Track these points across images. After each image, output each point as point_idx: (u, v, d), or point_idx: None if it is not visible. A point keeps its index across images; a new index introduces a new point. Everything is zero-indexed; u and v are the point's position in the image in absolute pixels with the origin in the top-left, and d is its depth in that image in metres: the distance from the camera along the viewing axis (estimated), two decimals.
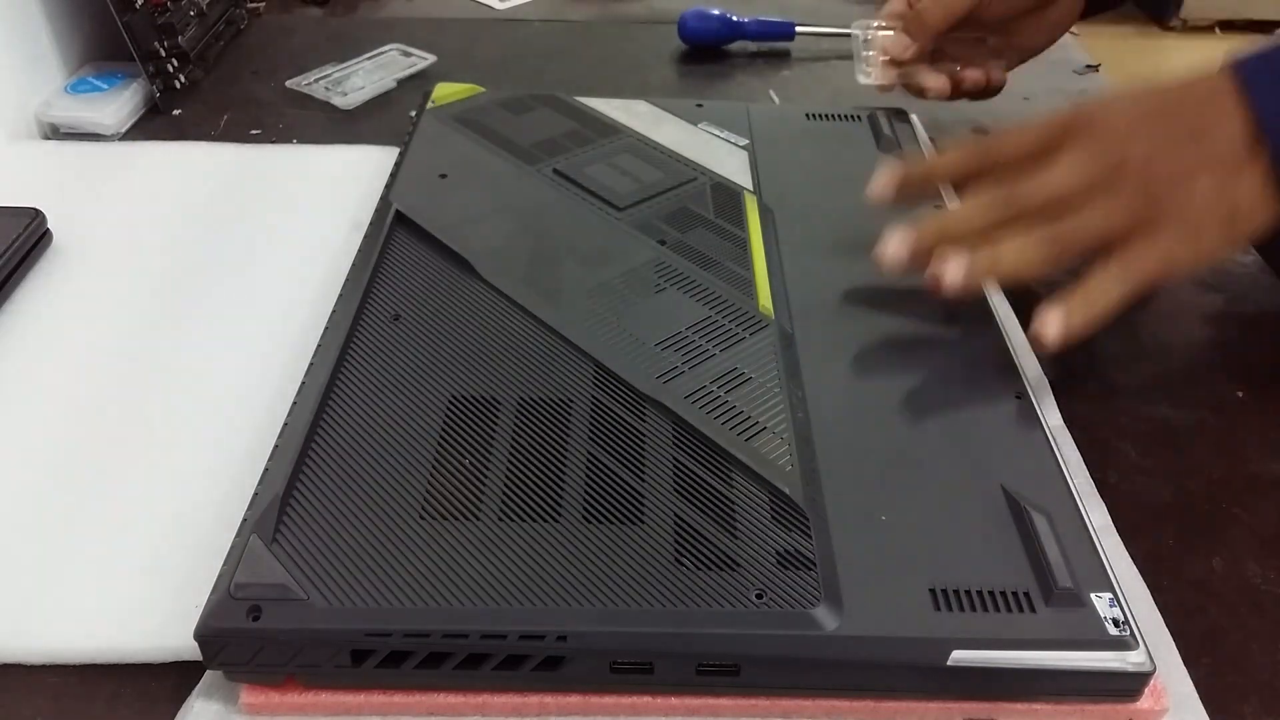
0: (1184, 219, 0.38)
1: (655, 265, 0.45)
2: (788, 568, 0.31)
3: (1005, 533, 0.33)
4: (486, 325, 0.41)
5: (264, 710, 0.31)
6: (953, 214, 0.42)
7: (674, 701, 0.31)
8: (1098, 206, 0.39)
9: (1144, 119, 0.40)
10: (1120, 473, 0.40)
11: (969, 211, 0.41)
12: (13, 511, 0.37)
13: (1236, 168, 0.38)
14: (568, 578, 0.31)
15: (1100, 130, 0.40)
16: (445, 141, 0.54)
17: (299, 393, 0.37)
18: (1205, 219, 0.38)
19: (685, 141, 0.55)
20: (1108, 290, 0.38)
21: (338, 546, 0.32)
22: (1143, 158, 0.39)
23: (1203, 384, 0.45)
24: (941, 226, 0.41)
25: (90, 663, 0.32)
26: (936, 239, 0.41)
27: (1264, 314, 0.48)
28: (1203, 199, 0.38)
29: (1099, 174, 0.39)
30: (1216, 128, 0.39)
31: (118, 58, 0.63)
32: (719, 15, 0.73)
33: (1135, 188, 0.39)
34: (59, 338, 0.45)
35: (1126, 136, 0.39)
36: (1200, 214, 0.38)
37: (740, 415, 0.37)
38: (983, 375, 0.40)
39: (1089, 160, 0.40)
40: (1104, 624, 0.31)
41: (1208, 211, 0.38)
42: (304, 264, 0.49)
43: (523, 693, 0.31)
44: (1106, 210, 0.39)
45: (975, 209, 0.41)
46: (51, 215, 0.50)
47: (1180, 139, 0.39)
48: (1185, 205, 0.38)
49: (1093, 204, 0.39)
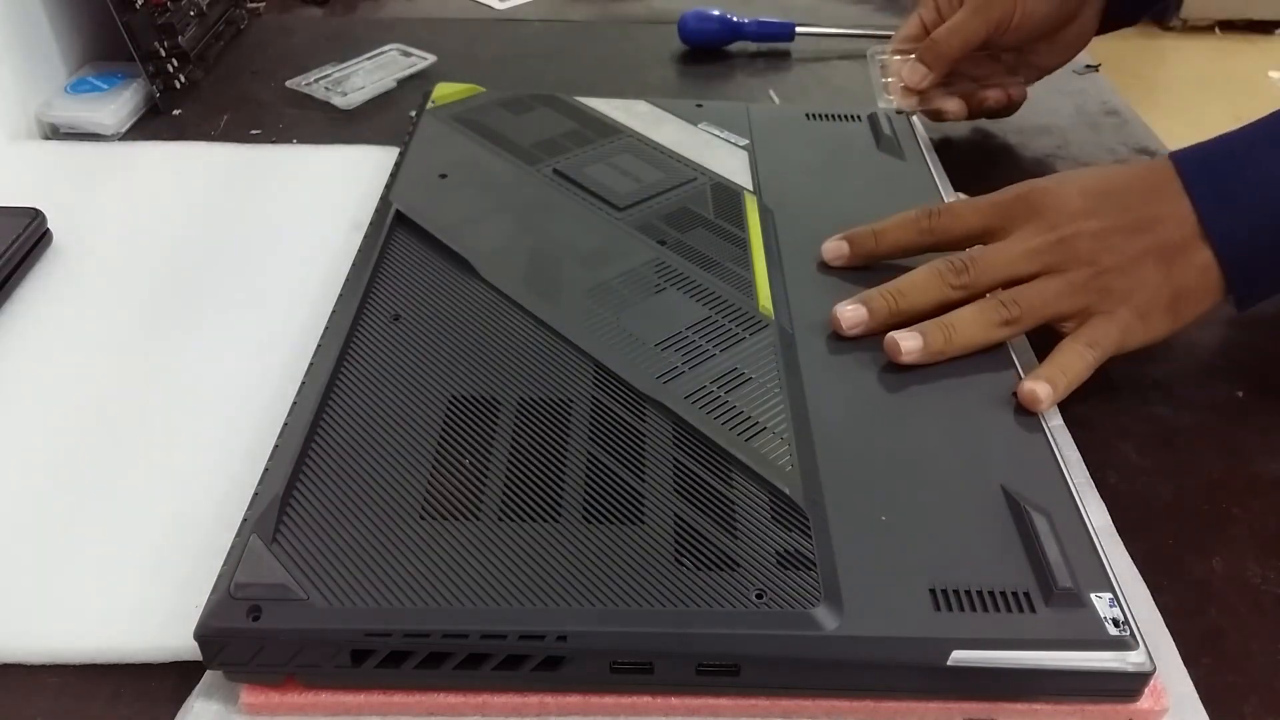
0: (1131, 303, 0.41)
1: (655, 265, 0.45)
2: (788, 568, 0.31)
3: (1005, 533, 0.33)
4: (486, 325, 0.41)
5: (264, 710, 0.31)
6: (905, 288, 0.42)
7: (674, 702, 0.31)
8: (1051, 286, 0.41)
9: (1093, 204, 0.42)
10: (1120, 473, 0.40)
11: (923, 287, 0.42)
12: (13, 511, 0.37)
13: (1181, 257, 0.41)
14: (568, 578, 0.31)
15: (1052, 211, 0.42)
16: (445, 142, 0.54)
17: (299, 393, 0.37)
18: (1150, 304, 0.41)
19: (685, 141, 0.55)
20: (1078, 362, 0.40)
21: (338, 546, 0.32)
22: (1092, 243, 0.41)
23: (1203, 384, 0.45)
24: (894, 302, 0.42)
25: (90, 663, 0.32)
26: (890, 316, 0.41)
27: (1264, 314, 0.48)
28: (1148, 285, 0.41)
29: (1051, 255, 0.41)
30: (1161, 221, 0.41)
31: (118, 58, 0.63)
32: (719, 16, 0.73)
33: (1086, 273, 0.41)
34: (59, 338, 0.45)
35: (1076, 219, 0.41)
36: (1145, 299, 0.41)
37: (740, 415, 0.37)
38: (982, 375, 0.40)
39: (1041, 240, 0.42)
40: (1104, 624, 0.31)
41: (1152, 297, 0.41)
42: (304, 264, 0.49)
43: (523, 693, 0.31)
44: (1058, 291, 0.41)
45: (929, 284, 0.42)
46: (51, 215, 0.50)
47: (1127, 228, 0.41)
48: (1131, 290, 0.41)
49: (1046, 282, 0.41)
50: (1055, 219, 0.42)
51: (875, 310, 0.41)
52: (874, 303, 0.42)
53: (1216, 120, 0.77)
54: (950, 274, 0.42)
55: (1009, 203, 0.43)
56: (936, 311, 0.41)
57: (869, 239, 0.45)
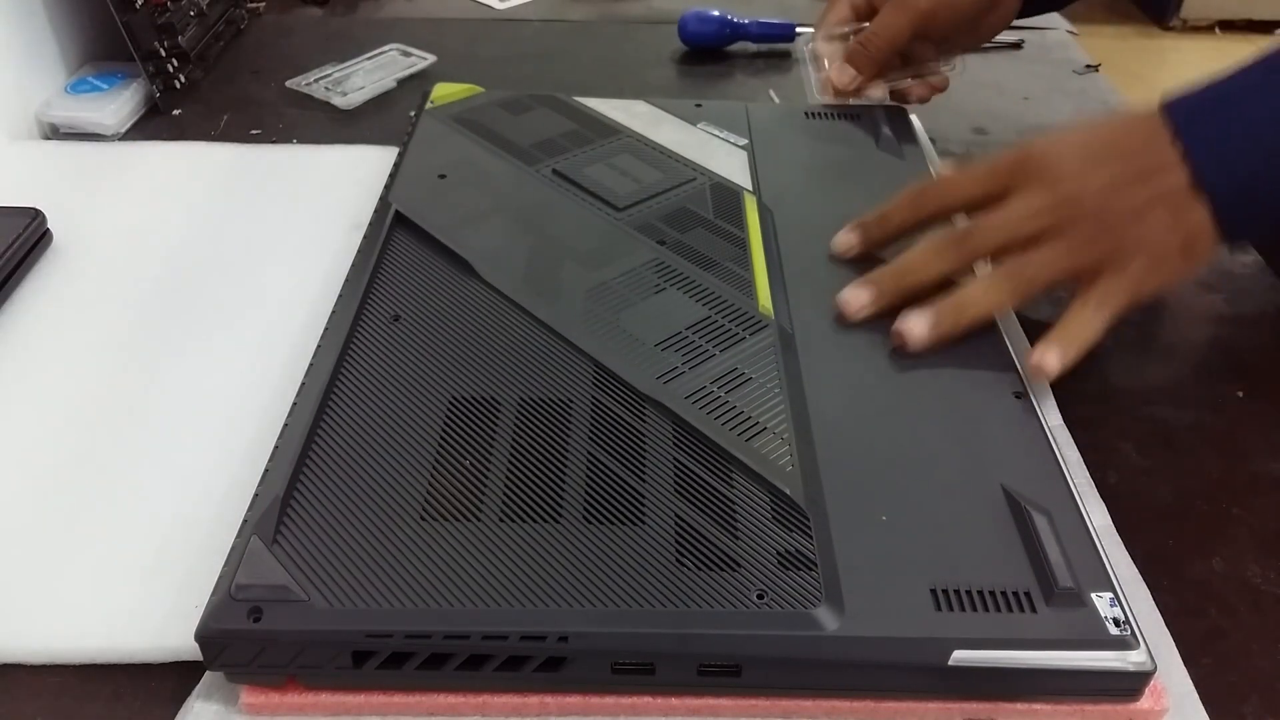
0: (1145, 251, 0.40)
1: (655, 265, 0.45)
2: (789, 568, 0.31)
3: (1006, 532, 0.33)
4: (486, 326, 0.41)
5: (264, 710, 0.31)
6: (908, 264, 0.42)
7: (675, 702, 0.31)
8: (1059, 245, 0.40)
9: (1092, 159, 0.41)
10: (1120, 473, 0.40)
11: (925, 260, 0.42)
12: (13, 511, 0.37)
13: (1186, 202, 0.40)
14: (569, 578, 0.31)
15: (1051, 171, 0.41)
16: (444, 142, 0.54)
17: (299, 393, 0.37)
18: (1165, 249, 0.40)
19: (684, 141, 0.55)
20: (1090, 322, 0.40)
21: (338, 547, 0.31)
22: (1097, 196, 0.40)
23: (1203, 384, 0.45)
24: (899, 279, 0.41)
25: (90, 663, 0.32)
26: (896, 294, 0.41)
27: (1264, 314, 0.48)
28: (1159, 231, 0.40)
29: (1054, 213, 0.41)
30: (1161, 169, 0.40)
31: (118, 58, 0.63)
32: (719, 17, 0.73)
33: (1094, 226, 0.40)
34: (59, 338, 0.44)
35: (1077, 176, 0.41)
36: (1159, 245, 0.40)
37: (740, 415, 0.37)
38: (982, 375, 0.40)
39: (1043, 200, 0.41)
40: (1104, 624, 0.31)
41: (1166, 242, 0.40)
42: (304, 264, 0.49)
43: (523, 693, 0.31)
44: (1068, 248, 0.40)
45: (931, 256, 0.42)
46: (51, 215, 0.50)
47: (1129, 178, 0.40)
48: (1144, 238, 0.40)
49: (1053, 243, 0.40)
50: (1056, 177, 0.41)
51: (882, 290, 0.41)
52: (880, 283, 0.41)
53: None
54: (952, 245, 0.41)
55: (1007, 166, 0.42)
56: (942, 285, 0.41)
57: (874, 225, 0.45)
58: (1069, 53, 0.75)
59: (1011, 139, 0.63)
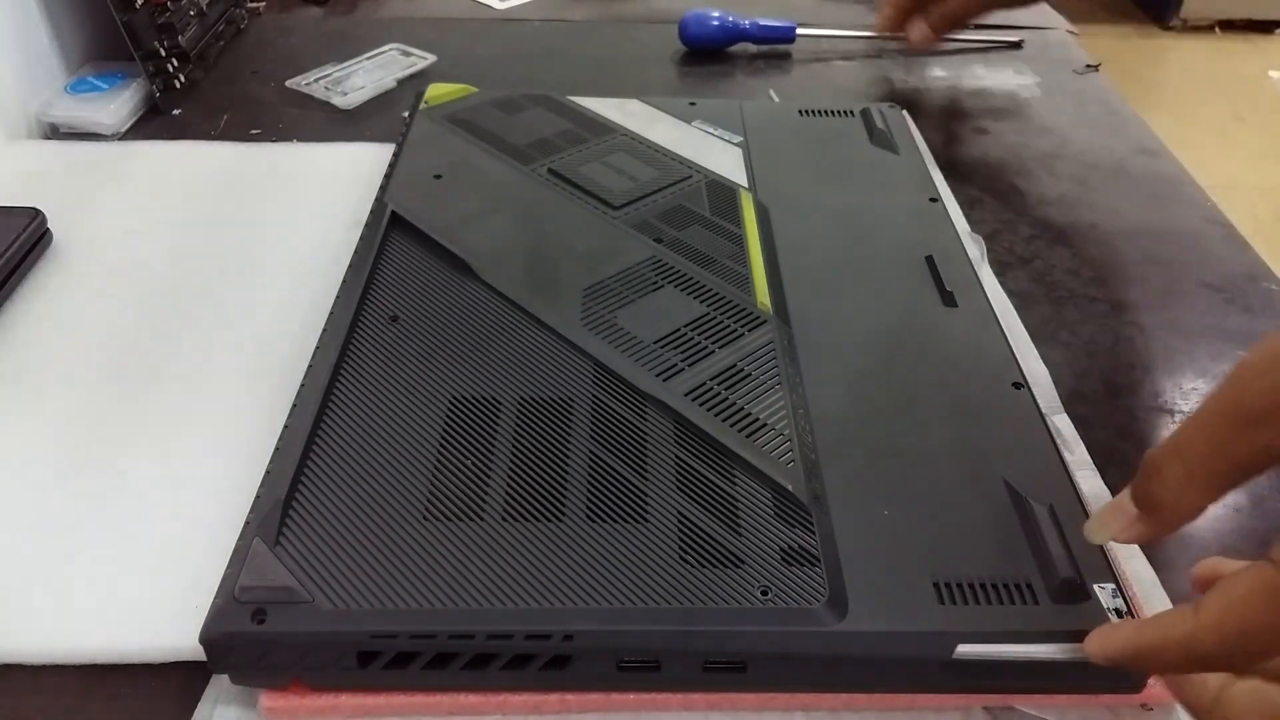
0: None
1: (652, 263, 0.45)
2: (792, 564, 0.31)
3: (1008, 525, 0.33)
4: (485, 326, 0.41)
5: (284, 714, 0.30)
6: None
7: (695, 697, 0.31)
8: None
9: None
10: (1121, 473, 0.40)
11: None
12: (14, 512, 0.37)
13: None
14: (573, 577, 0.31)
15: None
16: (439, 142, 0.53)
17: (299, 394, 0.37)
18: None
19: (679, 139, 0.55)
20: None
21: (341, 548, 0.31)
22: None
23: (1203, 384, 0.45)
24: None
25: (91, 663, 0.32)
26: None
27: (1264, 314, 0.48)
28: None
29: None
30: None
31: (118, 58, 0.63)
32: (719, 19, 0.73)
33: None
34: (59, 338, 0.44)
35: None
36: None
37: (741, 412, 0.37)
38: (982, 368, 0.40)
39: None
40: (1108, 614, 0.31)
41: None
42: (305, 263, 0.49)
43: (537, 691, 0.31)
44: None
45: None
46: (51, 215, 0.49)
47: None
48: None
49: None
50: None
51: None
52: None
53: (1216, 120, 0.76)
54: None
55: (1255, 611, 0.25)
56: None
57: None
58: (1069, 52, 0.75)
59: (1010, 138, 0.63)
